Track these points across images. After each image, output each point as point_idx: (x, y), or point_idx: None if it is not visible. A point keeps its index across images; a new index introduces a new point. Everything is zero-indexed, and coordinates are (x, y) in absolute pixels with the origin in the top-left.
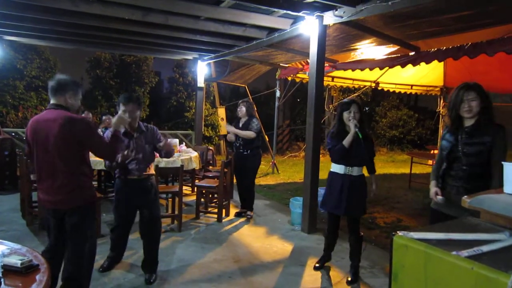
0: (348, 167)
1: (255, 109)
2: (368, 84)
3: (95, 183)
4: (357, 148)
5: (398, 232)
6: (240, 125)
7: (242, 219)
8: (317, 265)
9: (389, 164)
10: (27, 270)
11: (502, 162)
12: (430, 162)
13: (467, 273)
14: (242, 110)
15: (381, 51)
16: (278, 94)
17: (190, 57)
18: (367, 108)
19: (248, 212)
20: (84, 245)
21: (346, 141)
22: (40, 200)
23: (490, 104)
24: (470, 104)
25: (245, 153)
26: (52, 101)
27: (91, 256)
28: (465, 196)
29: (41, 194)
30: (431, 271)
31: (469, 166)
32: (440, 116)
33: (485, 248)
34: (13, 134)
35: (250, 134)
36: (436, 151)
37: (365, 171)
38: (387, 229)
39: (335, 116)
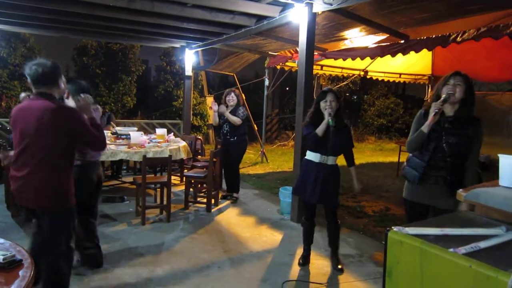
0: (323, 156)
1: (243, 98)
2: (356, 72)
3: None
4: (333, 137)
5: (393, 227)
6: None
7: (234, 209)
8: (301, 261)
9: (377, 153)
10: (10, 266)
11: (498, 155)
12: None
13: (465, 271)
14: (234, 98)
15: (371, 40)
16: (267, 82)
17: (177, 45)
18: (355, 97)
19: (235, 194)
20: (58, 248)
21: (319, 130)
22: (14, 195)
23: (473, 96)
24: (455, 87)
25: (232, 139)
26: (38, 90)
27: (67, 260)
28: (460, 190)
29: (14, 188)
30: (427, 268)
31: (452, 157)
32: None
33: (483, 244)
34: None
35: (236, 120)
36: None
37: (342, 162)
38: (375, 218)
39: (313, 105)
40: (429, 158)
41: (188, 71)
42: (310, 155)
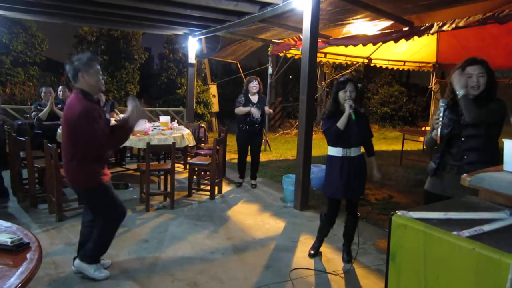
0: (346, 149)
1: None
2: (360, 60)
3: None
4: (354, 129)
5: (397, 211)
6: (254, 101)
7: (238, 197)
8: (312, 252)
9: (381, 141)
10: (18, 248)
11: (503, 139)
12: (421, 139)
13: (469, 254)
14: (257, 86)
15: (375, 27)
16: (270, 70)
17: (180, 33)
18: (359, 85)
19: (254, 182)
20: (100, 221)
21: (341, 123)
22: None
23: (495, 83)
24: (478, 79)
25: (259, 128)
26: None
27: (106, 232)
28: (465, 175)
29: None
30: (430, 252)
31: (466, 137)
32: (432, 92)
33: (486, 228)
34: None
35: (271, 111)
36: (428, 128)
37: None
38: (378, 206)
39: (330, 95)
40: (445, 147)
41: (192, 59)
42: (332, 151)
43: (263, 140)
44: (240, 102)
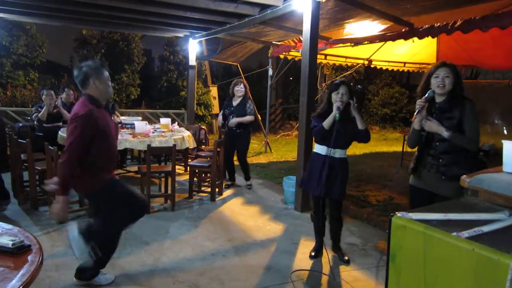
0: (330, 149)
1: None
2: (361, 61)
3: None
4: (340, 131)
5: (396, 212)
6: (235, 104)
7: (238, 199)
8: (312, 253)
9: (381, 143)
10: (19, 251)
11: (502, 141)
12: None
13: (468, 255)
14: (242, 90)
15: (375, 28)
16: (270, 72)
17: (181, 35)
18: (359, 86)
19: (248, 182)
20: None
21: (326, 123)
22: None
23: (461, 83)
24: (443, 79)
25: (238, 131)
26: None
27: (103, 238)
28: (464, 176)
29: None
30: (430, 253)
31: (440, 141)
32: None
33: (486, 229)
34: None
35: (250, 119)
36: None
37: (349, 152)
38: (379, 207)
39: (326, 96)
40: (422, 147)
41: (192, 61)
42: (318, 148)
43: (264, 142)
44: (222, 108)
